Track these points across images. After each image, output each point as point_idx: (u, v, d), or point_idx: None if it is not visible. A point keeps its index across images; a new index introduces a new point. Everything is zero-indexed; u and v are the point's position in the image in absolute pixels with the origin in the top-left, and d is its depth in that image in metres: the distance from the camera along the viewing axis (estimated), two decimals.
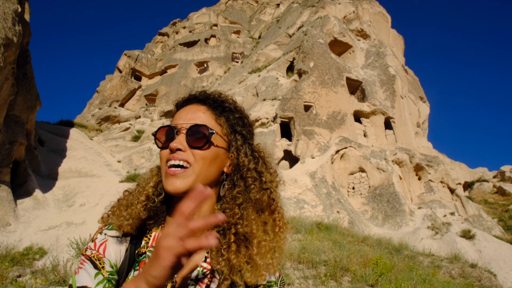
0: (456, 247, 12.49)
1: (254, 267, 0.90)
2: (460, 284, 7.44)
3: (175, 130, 0.92)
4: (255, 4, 48.15)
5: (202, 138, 0.90)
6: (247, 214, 0.93)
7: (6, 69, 10.91)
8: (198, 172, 0.89)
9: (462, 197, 21.63)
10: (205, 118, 0.95)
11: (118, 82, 35.46)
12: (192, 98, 1.01)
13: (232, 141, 0.97)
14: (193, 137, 0.90)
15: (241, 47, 37.59)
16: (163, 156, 0.92)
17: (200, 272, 0.92)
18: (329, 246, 8.11)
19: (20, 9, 12.01)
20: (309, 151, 17.78)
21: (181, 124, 0.93)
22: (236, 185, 0.95)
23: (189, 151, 0.90)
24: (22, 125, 13.19)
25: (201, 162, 0.90)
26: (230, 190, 0.95)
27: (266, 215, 0.97)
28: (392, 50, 26.75)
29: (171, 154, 0.90)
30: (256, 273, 0.90)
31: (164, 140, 0.94)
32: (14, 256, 7.77)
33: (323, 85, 20.16)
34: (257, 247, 0.91)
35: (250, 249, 0.91)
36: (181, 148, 0.89)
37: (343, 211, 15.12)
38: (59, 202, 13.15)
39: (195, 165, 0.89)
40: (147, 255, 0.92)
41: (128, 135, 24.23)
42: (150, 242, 0.94)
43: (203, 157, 0.90)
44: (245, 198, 0.94)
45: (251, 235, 0.92)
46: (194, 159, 0.89)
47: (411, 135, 23.33)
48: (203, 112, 0.96)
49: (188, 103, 1.00)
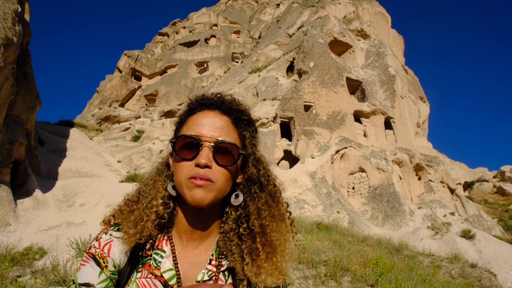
0: (456, 247, 12.49)
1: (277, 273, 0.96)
2: (460, 284, 7.44)
3: (200, 143, 0.88)
4: (255, 4, 48.14)
5: (230, 157, 0.90)
6: (275, 226, 0.97)
7: (6, 69, 10.91)
8: (220, 188, 0.89)
9: (462, 197, 21.63)
10: (229, 132, 0.93)
11: (118, 82, 35.45)
12: (212, 104, 0.97)
13: (250, 155, 0.97)
14: (221, 154, 0.89)
15: (241, 47, 37.59)
16: (185, 168, 0.88)
17: (205, 274, 0.93)
18: (329, 246, 8.11)
19: (20, 9, 12.01)
20: (309, 151, 17.77)
21: (205, 136, 0.89)
22: (256, 197, 0.97)
23: (215, 168, 0.88)
24: (22, 125, 13.19)
25: (224, 179, 0.89)
26: (253, 202, 0.97)
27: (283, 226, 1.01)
28: (392, 50, 26.75)
29: (196, 168, 0.87)
30: (278, 277, 0.97)
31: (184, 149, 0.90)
32: (14, 256, 7.76)
33: (323, 85, 20.16)
34: (281, 255, 0.98)
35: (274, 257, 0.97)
36: (210, 166, 0.87)
37: (343, 211, 15.12)
38: (59, 202, 13.15)
39: (218, 183, 0.88)
40: (153, 257, 0.93)
41: (128, 135, 24.23)
42: (156, 245, 0.95)
43: (226, 175, 0.90)
44: (270, 211, 0.97)
45: (276, 244, 0.97)
46: (218, 177, 0.88)
47: (411, 135, 23.33)
48: (226, 124, 0.94)
49: (207, 108, 0.96)
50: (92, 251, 0.90)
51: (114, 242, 0.92)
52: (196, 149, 0.88)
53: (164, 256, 0.93)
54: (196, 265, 0.94)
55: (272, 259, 0.96)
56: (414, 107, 26.68)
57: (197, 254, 0.96)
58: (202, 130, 0.90)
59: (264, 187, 0.98)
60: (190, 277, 0.93)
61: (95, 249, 0.90)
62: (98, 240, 0.92)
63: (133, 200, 1.00)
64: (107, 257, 0.89)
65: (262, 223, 0.96)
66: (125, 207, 1.00)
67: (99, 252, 0.90)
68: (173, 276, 0.91)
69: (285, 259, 0.99)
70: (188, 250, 0.96)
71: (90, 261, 0.89)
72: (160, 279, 0.91)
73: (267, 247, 0.96)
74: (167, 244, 0.95)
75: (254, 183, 0.97)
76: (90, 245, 0.92)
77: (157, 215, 0.93)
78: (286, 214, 1.04)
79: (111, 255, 0.90)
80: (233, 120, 0.96)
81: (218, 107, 0.96)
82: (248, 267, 0.93)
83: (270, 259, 0.96)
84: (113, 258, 0.90)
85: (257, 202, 0.96)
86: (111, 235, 0.93)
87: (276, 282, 0.97)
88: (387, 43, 28.35)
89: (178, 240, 0.96)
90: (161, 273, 0.91)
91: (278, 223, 0.99)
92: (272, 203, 0.99)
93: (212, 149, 0.88)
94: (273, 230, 0.97)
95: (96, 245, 0.91)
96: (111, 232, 0.94)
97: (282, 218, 1.01)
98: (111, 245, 0.91)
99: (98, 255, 0.89)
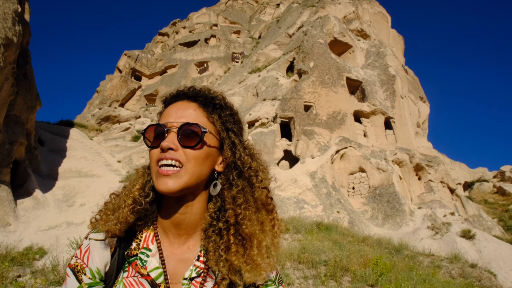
0: (456, 247, 12.49)
1: (253, 267, 0.90)
2: (460, 284, 7.44)
3: (166, 129, 0.88)
4: (255, 4, 48.14)
5: (195, 137, 0.88)
6: (249, 214, 0.92)
7: (6, 69, 10.90)
8: (191, 172, 0.87)
9: (462, 197, 21.63)
10: (197, 116, 0.92)
11: (118, 82, 35.45)
12: (181, 94, 0.97)
13: (225, 139, 0.95)
14: (185, 136, 0.88)
15: (241, 47, 37.59)
16: (153, 156, 0.89)
17: (193, 271, 0.91)
18: (329, 246, 8.11)
19: (20, 9, 12.01)
20: (309, 151, 17.77)
21: (171, 122, 0.89)
22: (234, 185, 0.94)
23: (181, 151, 0.87)
24: (22, 125, 13.19)
25: (194, 162, 0.88)
26: (229, 190, 0.94)
27: (263, 214, 0.96)
28: (392, 50, 26.74)
29: (162, 154, 0.87)
30: (255, 272, 0.90)
31: (153, 138, 0.91)
32: (14, 256, 7.76)
33: (323, 85, 20.16)
34: (257, 248, 0.91)
35: (249, 249, 0.90)
36: (173, 148, 0.86)
37: (343, 211, 15.12)
38: (59, 202, 13.15)
39: (188, 165, 0.87)
40: (139, 256, 0.91)
41: (128, 135, 24.23)
42: (142, 243, 0.93)
43: (195, 157, 0.88)
44: (245, 198, 0.93)
45: (251, 235, 0.91)
46: (186, 159, 0.87)
47: (411, 135, 23.32)
48: (194, 109, 0.93)
49: (177, 100, 0.97)
50: (72, 263, 0.90)
51: (92, 247, 0.90)
52: (162, 136, 0.88)
53: (150, 255, 0.91)
54: (184, 261, 0.92)
55: (244, 253, 0.90)
56: (414, 107, 26.68)
57: (185, 251, 0.93)
58: (169, 118, 0.91)
59: (242, 173, 0.95)
60: (178, 274, 0.91)
61: (76, 259, 0.90)
62: (79, 248, 0.92)
63: (116, 193, 1.00)
64: (85, 267, 0.89)
65: (236, 212, 0.91)
66: (109, 199, 1.00)
67: (79, 263, 0.89)
68: (160, 274, 0.89)
69: (262, 252, 0.91)
70: (175, 247, 0.93)
71: (71, 276, 0.89)
72: (147, 278, 0.89)
73: (239, 239, 0.90)
74: (153, 242, 0.93)
75: (233, 169, 0.95)
76: (73, 254, 0.92)
77: (133, 200, 0.92)
78: (267, 200, 0.97)
79: (90, 263, 0.89)
80: (200, 104, 0.94)
81: (186, 95, 0.96)
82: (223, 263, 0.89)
83: (241, 253, 0.90)
84: (91, 267, 0.89)
85: (235, 189, 0.92)
86: (90, 239, 0.92)
87: (256, 279, 0.91)
88: (387, 43, 28.35)
89: (164, 237, 0.94)
90: (148, 272, 0.89)
91: (254, 211, 0.93)
92: (248, 189, 0.94)
93: (177, 133, 0.88)
94: (246, 219, 0.90)
95: (78, 254, 0.91)
96: (91, 235, 0.92)
97: (261, 206, 0.95)
98: (90, 251, 0.90)
99: (78, 267, 0.89)
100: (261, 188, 0.96)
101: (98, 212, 0.98)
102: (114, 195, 1.00)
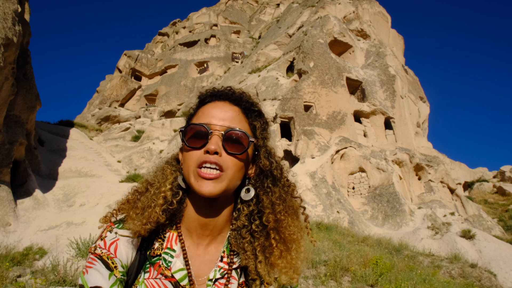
0: (456, 247, 12.48)
1: (292, 271, 0.93)
2: (460, 284, 7.44)
3: (210, 131, 0.87)
4: (255, 4, 48.14)
5: (239, 145, 0.88)
6: (291, 221, 0.95)
7: (6, 69, 10.90)
8: (231, 178, 0.87)
9: (462, 197, 21.63)
10: (240, 122, 0.92)
11: (118, 82, 35.45)
12: (223, 94, 0.96)
13: (261, 147, 0.96)
14: (230, 141, 0.87)
15: (241, 47, 37.59)
16: (194, 156, 0.87)
17: (217, 272, 0.91)
18: (329, 246, 8.11)
19: (20, 9, 12.01)
20: (309, 151, 17.77)
21: (215, 125, 0.88)
22: (270, 191, 0.94)
23: (225, 156, 0.87)
24: (22, 125, 13.19)
25: (235, 168, 0.88)
26: (267, 196, 0.94)
27: (300, 221, 0.99)
28: (392, 50, 26.75)
29: (206, 156, 0.85)
30: (292, 275, 0.93)
31: (191, 137, 0.89)
32: (14, 256, 7.77)
33: (323, 85, 20.16)
34: (296, 252, 0.94)
35: (290, 253, 0.93)
36: (219, 152, 0.86)
37: (343, 211, 15.12)
38: (59, 202, 13.15)
39: (228, 171, 0.86)
40: (162, 257, 0.89)
41: (128, 135, 24.23)
42: (165, 243, 0.91)
43: (237, 164, 0.88)
44: (284, 205, 0.95)
45: (293, 241, 0.94)
46: (228, 165, 0.86)
47: (411, 135, 23.33)
48: (237, 113, 0.93)
49: (217, 99, 0.95)
50: (98, 252, 0.85)
51: (120, 241, 0.87)
52: (205, 138, 0.87)
53: (174, 256, 0.89)
54: (208, 263, 0.92)
55: (286, 256, 0.93)
56: (414, 107, 26.68)
57: (209, 252, 0.93)
58: (212, 120, 0.89)
59: (277, 181, 0.96)
60: (201, 275, 0.90)
61: (101, 249, 0.85)
62: (103, 239, 0.87)
63: (140, 190, 0.97)
64: (114, 258, 0.85)
65: (277, 218, 0.92)
66: (133, 196, 0.97)
67: (105, 252, 0.85)
68: (184, 276, 0.88)
69: (300, 257, 0.95)
70: (199, 248, 0.92)
71: (98, 263, 0.83)
72: (170, 280, 0.87)
73: (281, 244, 0.93)
74: (176, 242, 0.91)
75: (267, 176, 0.95)
76: (95, 245, 0.87)
77: (165, 200, 0.90)
78: (300, 209, 1.00)
79: (118, 255, 0.86)
80: (243, 110, 0.95)
81: (228, 98, 0.95)
82: (261, 265, 0.90)
83: (285, 257, 0.92)
84: (120, 258, 0.85)
85: (271, 196, 0.94)
86: (116, 233, 0.88)
87: (290, 282, 0.93)
88: (387, 43, 28.35)
89: (188, 237, 0.93)
90: (172, 274, 0.87)
91: (293, 219, 0.96)
92: (286, 198, 0.96)
93: (221, 138, 0.87)
94: (287, 226, 0.93)
95: (102, 245, 0.86)
96: (116, 230, 0.89)
97: (296, 213, 0.98)
98: (118, 244, 0.87)
99: (105, 256, 0.84)
100: (296, 197, 1.00)
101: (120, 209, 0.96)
102: (137, 193, 0.97)
